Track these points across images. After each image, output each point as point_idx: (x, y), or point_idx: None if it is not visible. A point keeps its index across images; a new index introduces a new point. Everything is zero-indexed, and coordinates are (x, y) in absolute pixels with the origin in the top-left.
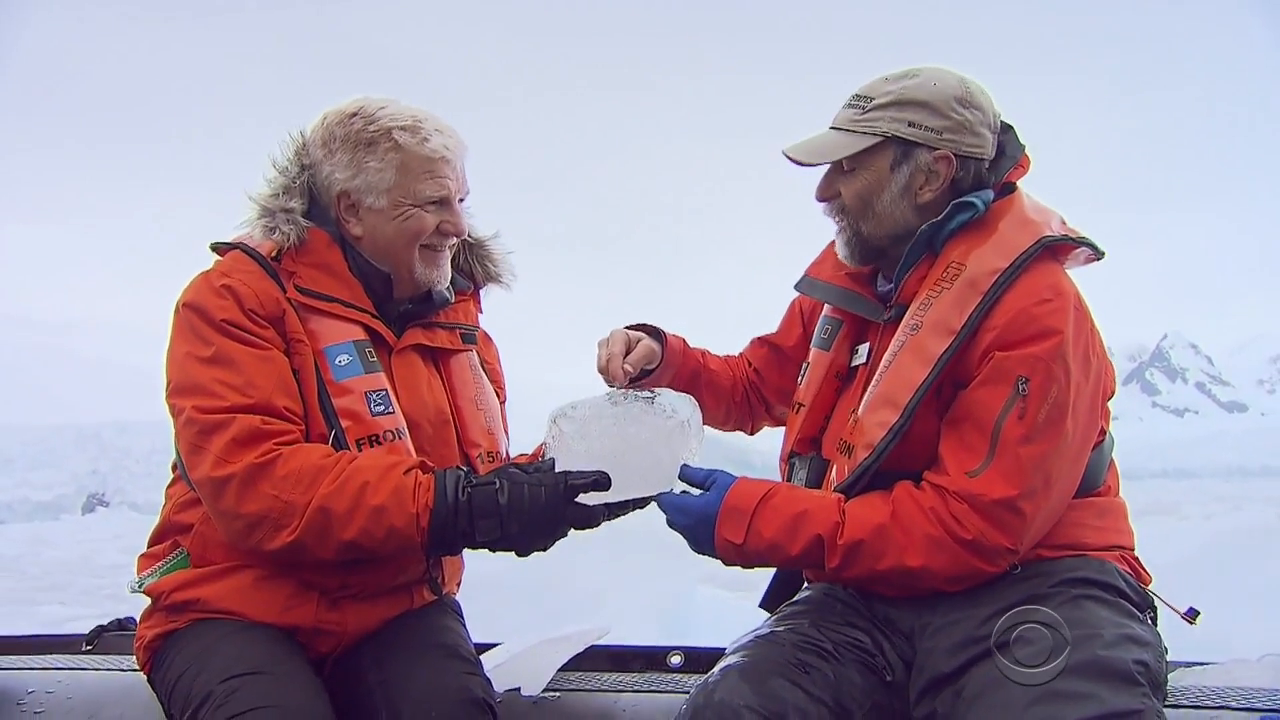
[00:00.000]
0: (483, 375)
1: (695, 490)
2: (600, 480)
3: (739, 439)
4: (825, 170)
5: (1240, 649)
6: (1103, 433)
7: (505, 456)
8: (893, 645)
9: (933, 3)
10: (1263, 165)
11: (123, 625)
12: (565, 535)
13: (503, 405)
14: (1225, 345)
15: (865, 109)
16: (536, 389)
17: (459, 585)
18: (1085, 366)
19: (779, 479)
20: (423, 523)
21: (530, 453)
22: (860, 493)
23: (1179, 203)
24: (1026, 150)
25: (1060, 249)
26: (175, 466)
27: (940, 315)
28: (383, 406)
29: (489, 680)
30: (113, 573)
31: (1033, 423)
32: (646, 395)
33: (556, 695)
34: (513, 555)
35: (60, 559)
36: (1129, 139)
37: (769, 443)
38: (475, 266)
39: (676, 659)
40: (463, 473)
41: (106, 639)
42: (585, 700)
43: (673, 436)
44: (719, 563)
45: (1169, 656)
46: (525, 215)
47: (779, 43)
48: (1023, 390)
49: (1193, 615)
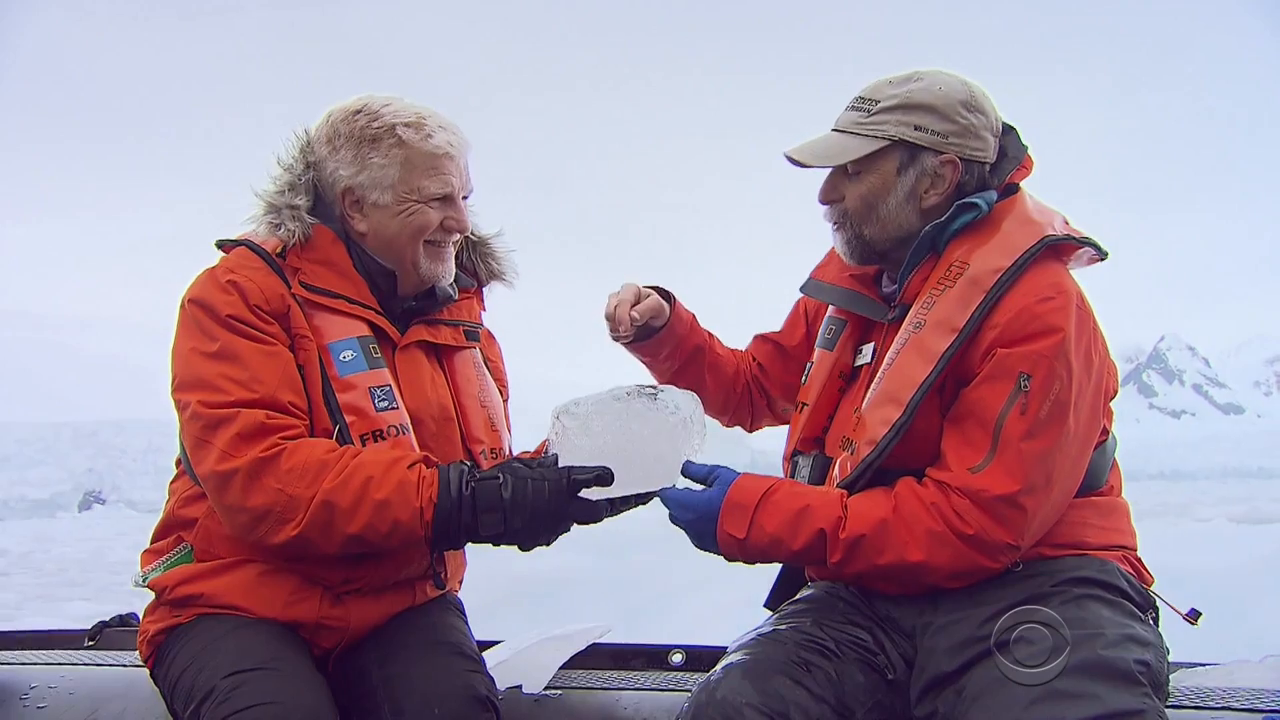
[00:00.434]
0: (486, 372)
1: (698, 486)
2: (603, 476)
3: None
4: (828, 172)
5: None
6: (1105, 432)
7: (508, 453)
8: (894, 644)
9: (932, 2)
10: (1260, 166)
11: (125, 621)
12: (568, 530)
13: (506, 403)
14: (1222, 347)
15: (870, 112)
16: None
17: (461, 582)
18: (1087, 364)
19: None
20: (427, 517)
21: (533, 450)
22: (863, 489)
23: (1176, 204)
24: (1029, 151)
25: (1063, 249)
26: (179, 462)
27: (943, 313)
28: (387, 402)
29: (491, 677)
30: (127, 569)
31: (1034, 419)
32: (650, 391)
33: (558, 693)
34: (516, 550)
35: (71, 555)
36: (1125, 139)
37: (773, 443)
38: (478, 264)
39: (678, 657)
40: (466, 467)
41: (109, 634)
42: (587, 698)
43: (675, 433)
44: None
45: (1171, 657)
46: (528, 212)
47: (779, 41)
48: (1025, 387)
49: (1194, 616)
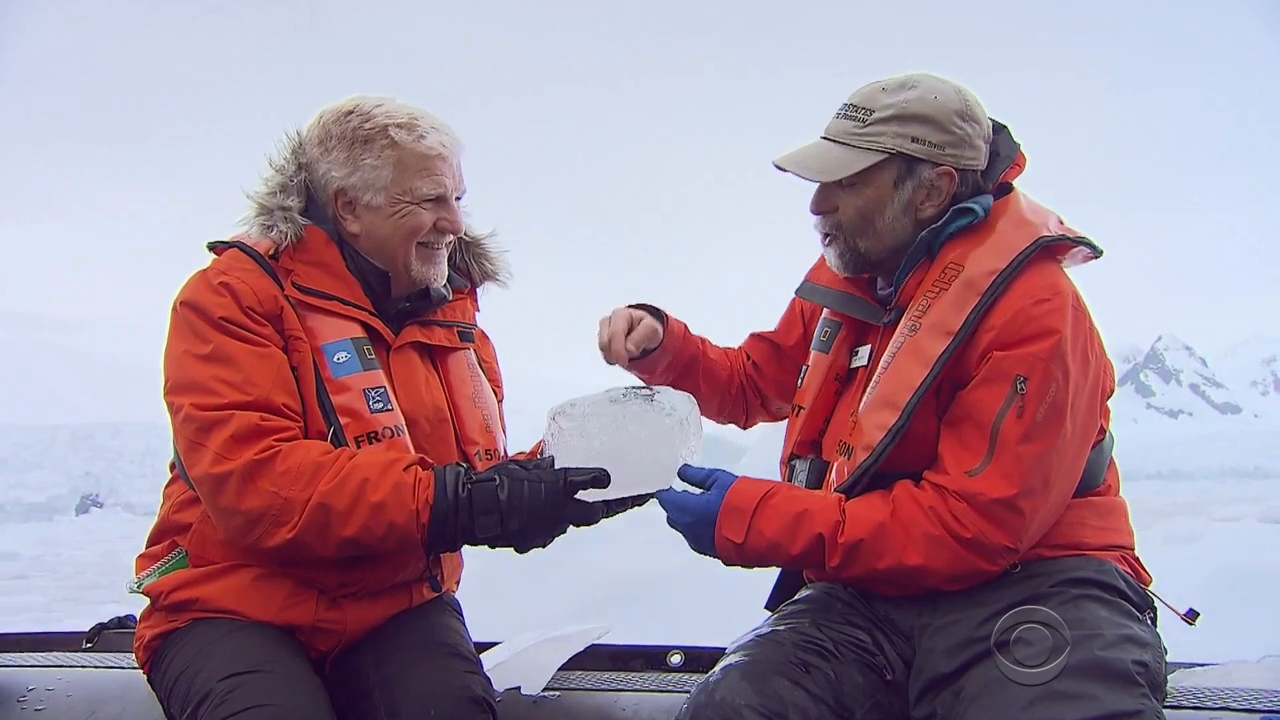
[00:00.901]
0: (480, 373)
1: (695, 489)
2: (600, 477)
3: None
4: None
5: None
6: (1102, 431)
7: (503, 454)
8: (893, 645)
9: (931, 1)
10: (1257, 166)
11: (123, 623)
12: (564, 532)
13: (500, 403)
14: (1219, 347)
15: (865, 122)
16: (534, 385)
17: (458, 583)
18: (1084, 366)
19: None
20: (423, 519)
21: (528, 450)
22: (860, 493)
23: (1173, 203)
24: (1021, 149)
25: (1058, 248)
26: (173, 466)
27: (938, 316)
28: (381, 404)
29: (489, 679)
30: None
31: (1031, 421)
32: (646, 393)
33: (556, 694)
34: (512, 551)
35: (85, 559)
36: (1122, 138)
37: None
38: (472, 265)
39: (676, 658)
40: (462, 469)
41: (106, 637)
42: (585, 699)
43: (672, 435)
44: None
45: (1169, 657)
46: (524, 211)
47: (780, 40)
48: (1021, 389)
49: (1192, 616)
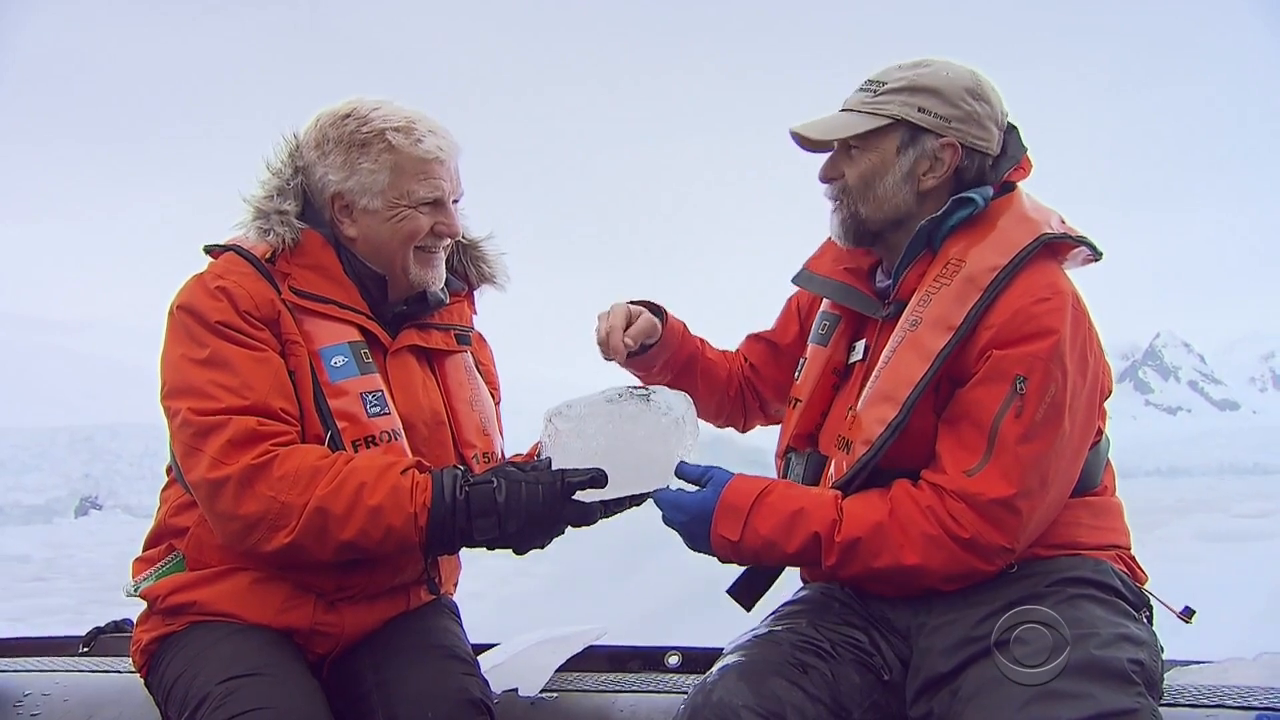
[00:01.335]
0: (477, 376)
1: (691, 487)
2: (597, 478)
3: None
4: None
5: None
6: (1099, 432)
7: (500, 457)
8: (890, 644)
9: (930, 1)
10: (1255, 163)
11: (119, 627)
12: (562, 534)
13: (497, 406)
14: (1217, 343)
15: (877, 92)
16: (531, 387)
17: (456, 586)
18: (1083, 366)
19: (775, 475)
20: (421, 522)
21: (525, 452)
22: (858, 489)
23: (1172, 201)
24: (1029, 153)
25: (1059, 248)
26: (170, 470)
27: (940, 311)
28: (379, 407)
29: (486, 681)
30: None
31: (1030, 421)
32: (642, 393)
33: (554, 695)
34: (510, 554)
35: (98, 560)
36: (1120, 137)
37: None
38: (469, 268)
39: (674, 659)
40: (460, 472)
41: (103, 641)
42: (583, 701)
43: (669, 434)
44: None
45: (1165, 655)
46: (522, 211)
47: (781, 39)
48: (1020, 389)
49: (1188, 614)
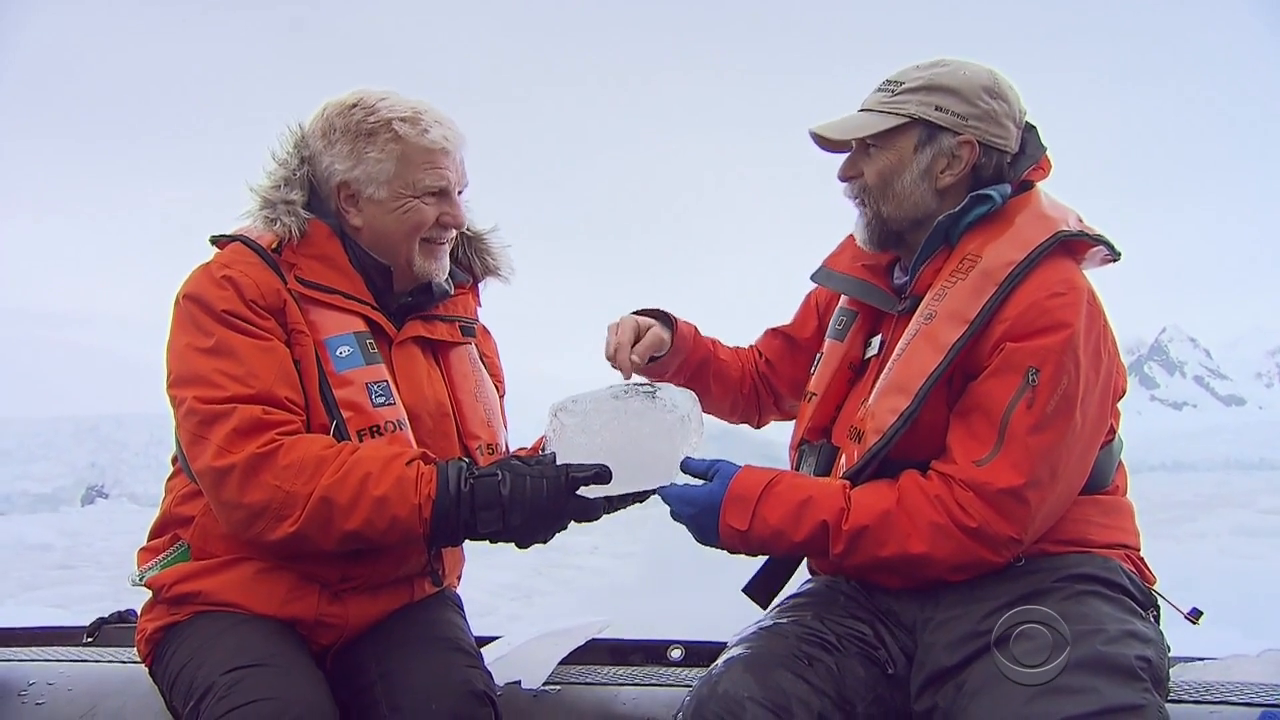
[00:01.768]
0: (482, 368)
1: (696, 483)
2: (601, 474)
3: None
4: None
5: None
6: (1112, 432)
7: (504, 449)
8: (895, 638)
9: (930, 1)
10: (1260, 158)
11: (123, 617)
12: (565, 528)
13: (502, 399)
14: (1223, 338)
15: (895, 92)
16: (536, 380)
17: (459, 578)
18: (1096, 362)
19: (789, 467)
20: (425, 513)
21: (530, 445)
22: (868, 479)
23: (1177, 195)
24: (1048, 153)
25: (1076, 246)
26: (175, 459)
27: (955, 305)
28: (384, 398)
29: (489, 673)
30: None
31: (1041, 413)
32: (648, 389)
33: (557, 688)
34: (512, 547)
35: (116, 548)
36: (1125, 131)
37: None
38: (474, 260)
39: (676, 653)
40: (465, 464)
41: (107, 631)
42: (585, 693)
43: (673, 431)
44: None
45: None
46: (527, 206)
47: (781, 39)
48: (1032, 381)
49: (1196, 615)
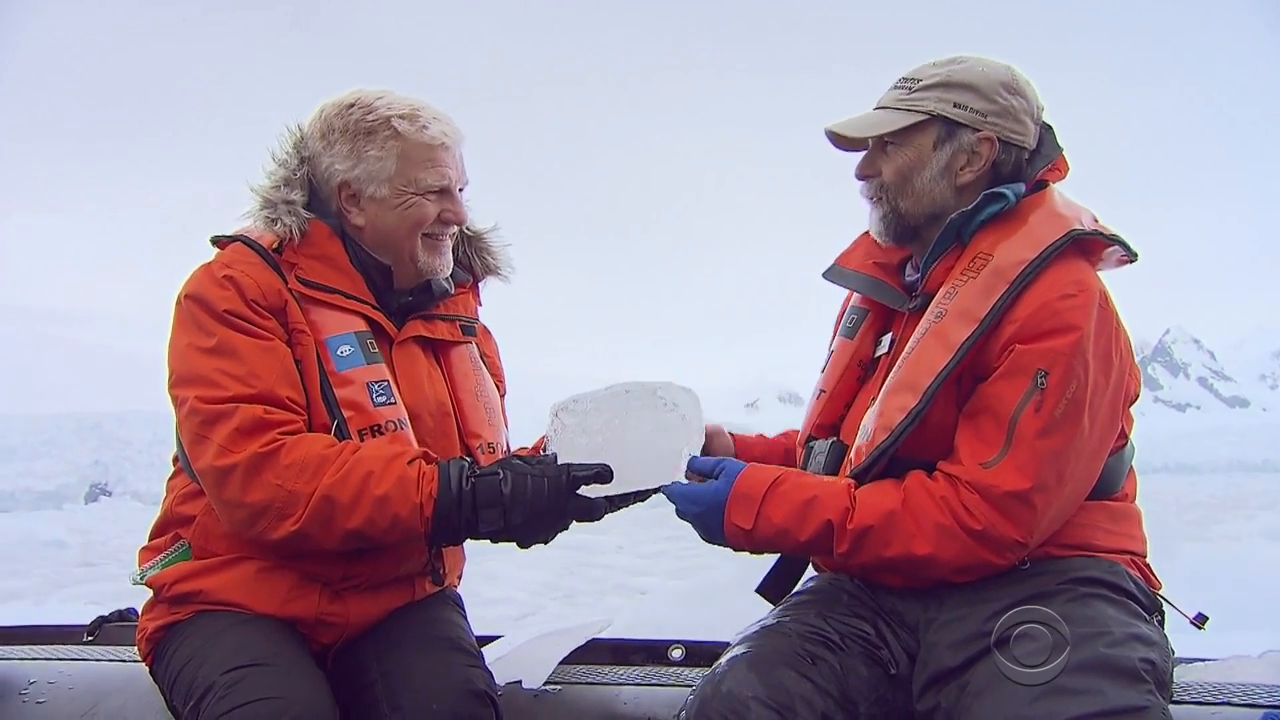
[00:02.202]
0: (483, 367)
1: (699, 481)
2: (602, 473)
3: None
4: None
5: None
6: (1124, 437)
7: (505, 448)
8: (898, 638)
9: (931, 1)
10: (1263, 159)
11: (124, 616)
12: (566, 528)
13: (502, 398)
14: (1227, 340)
15: (912, 89)
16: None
17: (460, 578)
18: (1106, 365)
19: (797, 463)
20: (427, 512)
21: (531, 445)
22: (875, 477)
23: (1178, 195)
24: (1064, 154)
25: (1091, 247)
26: (176, 459)
27: (965, 303)
28: (385, 397)
29: (490, 672)
30: None
31: (1050, 416)
32: (649, 389)
33: (558, 688)
34: (514, 546)
35: (131, 544)
36: (1128, 132)
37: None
38: (474, 259)
39: (677, 653)
40: (466, 463)
41: (107, 630)
42: (586, 693)
43: (674, 430)
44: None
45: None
46: (527, 206)
47: (781, 39)
48: (1041, 384)
49: (1201, 621)
